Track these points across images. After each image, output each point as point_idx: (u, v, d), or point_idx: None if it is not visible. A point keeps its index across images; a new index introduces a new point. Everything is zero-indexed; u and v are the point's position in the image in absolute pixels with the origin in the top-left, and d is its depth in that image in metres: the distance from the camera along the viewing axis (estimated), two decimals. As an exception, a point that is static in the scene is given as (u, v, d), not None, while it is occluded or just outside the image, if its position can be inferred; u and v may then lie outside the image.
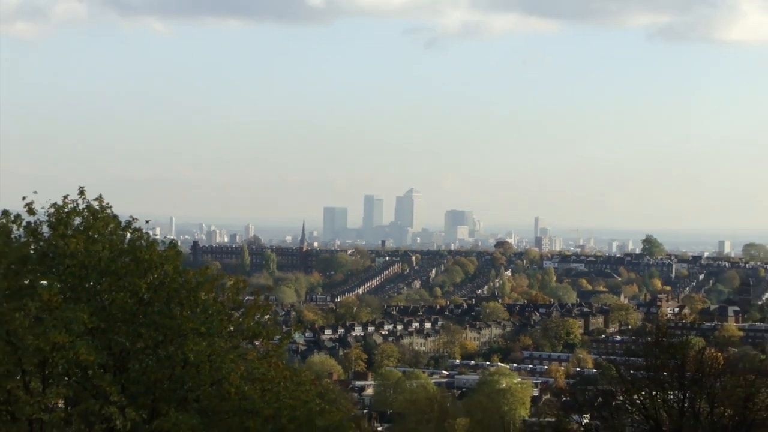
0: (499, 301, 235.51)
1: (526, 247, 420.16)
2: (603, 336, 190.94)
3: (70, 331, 24.96)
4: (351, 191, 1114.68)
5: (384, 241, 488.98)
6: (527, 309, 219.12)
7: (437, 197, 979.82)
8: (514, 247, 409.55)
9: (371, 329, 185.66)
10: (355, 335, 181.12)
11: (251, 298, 29.41)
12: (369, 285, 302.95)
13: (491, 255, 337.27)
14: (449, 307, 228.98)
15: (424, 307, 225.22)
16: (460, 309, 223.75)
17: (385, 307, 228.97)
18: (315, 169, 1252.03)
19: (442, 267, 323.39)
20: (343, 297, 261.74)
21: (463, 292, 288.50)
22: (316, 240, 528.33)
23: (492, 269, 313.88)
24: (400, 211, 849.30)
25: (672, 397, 47.31)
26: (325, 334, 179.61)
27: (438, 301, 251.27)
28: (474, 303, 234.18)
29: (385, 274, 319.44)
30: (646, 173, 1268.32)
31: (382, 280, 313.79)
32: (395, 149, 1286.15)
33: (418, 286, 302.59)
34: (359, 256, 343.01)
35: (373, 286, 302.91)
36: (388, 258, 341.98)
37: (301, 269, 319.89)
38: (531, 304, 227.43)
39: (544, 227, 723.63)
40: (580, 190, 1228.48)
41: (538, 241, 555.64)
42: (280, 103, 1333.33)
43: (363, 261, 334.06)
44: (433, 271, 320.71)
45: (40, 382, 25.99)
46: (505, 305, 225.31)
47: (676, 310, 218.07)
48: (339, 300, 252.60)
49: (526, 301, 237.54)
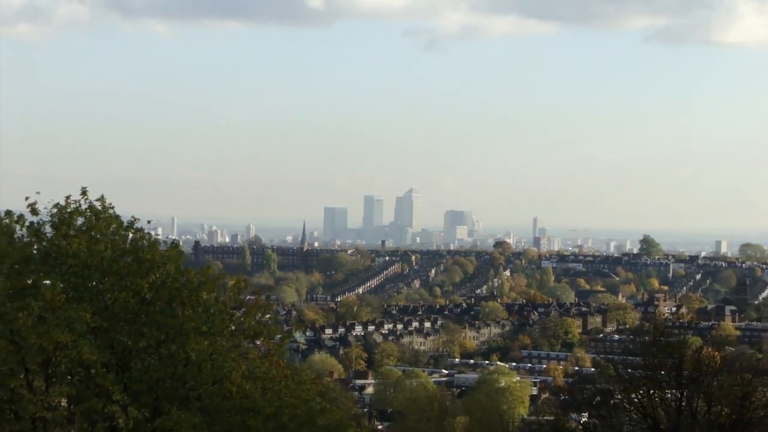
0: (498, 300, 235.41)
1: (525, 247, 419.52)
2: (601, 335, 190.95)
3: (73, 330, 24.93)
4: (351, 191, 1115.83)
5: (384, 241, 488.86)
6: (526, 308, 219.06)
7: (436, 198, 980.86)
8: (513, 247, 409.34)
9: (371, 328, 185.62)
10: (355, 334, 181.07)
11: (252, 297, 29.35)
12: (369, 284, 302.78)
13: (490, 255, 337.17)
14: (449, 306, 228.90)
15: (423, 307, 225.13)
16: (459, 308, 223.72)
17: (385, 306, 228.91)
18: (315, 169, 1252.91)
19: (442, 267, 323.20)
20: (344, 296, 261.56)
21: (462, 291, 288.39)
22: (317, 240, 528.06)
23: (491, 269, 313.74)
24: (400, 212, 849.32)
25: (670, 395, 47.29)
26: (326, 333, 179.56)
27: (437, 301, 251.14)
28: (473, 302, 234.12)
29: (385, 273, 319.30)
30: (643, 174, 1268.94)
31: (382, 280, 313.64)
32: (395, 150, 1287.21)
33: (418, 286, 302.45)
34: (359, 256, 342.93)
35: (373, 286, 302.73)
36: (387, 258, 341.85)
37: (302, 269, 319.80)
38: (529, 304, 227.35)
39: (542, 227, 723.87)
40: (579, 191, 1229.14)
41: (536, 241, 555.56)
42: (281, 104, 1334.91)
43: (363, 261, 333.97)
44: (433, 271, 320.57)
45: (43, 380, 25.94)
46: (503, 305, 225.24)
47: (674, 309, 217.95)
48: (339, 299, 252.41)
49: (524, 301, 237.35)
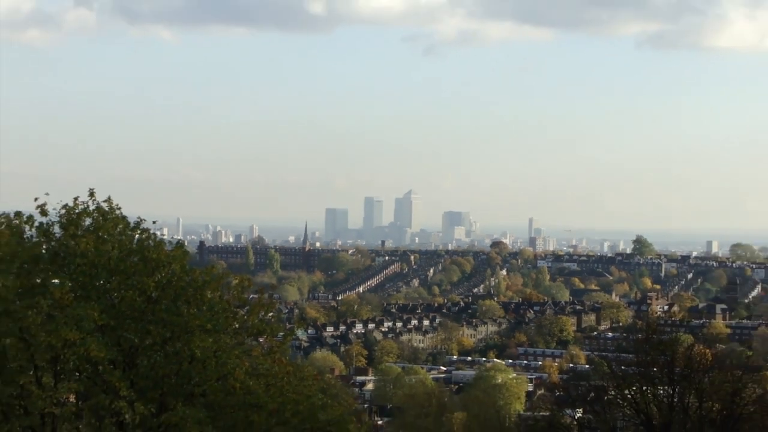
0: (495, 299, 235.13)
1: (521, 247, 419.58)
2: (595, 333, 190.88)
3: (81, 328, 24.98)
4: (351, 193, 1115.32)
5: (384, 242, 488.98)
6: (522, 307, 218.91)
7: (435, 199, 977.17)
8: (509, 247, 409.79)
9: (371, 326, 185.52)
10: (355, 332, 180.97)
11: (256, 296, 29.39)
12: (369, 283, 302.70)
13: (487, 255, 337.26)
14: (447, 305, 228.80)
15: (422, 305, 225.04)
16: (457, 307, 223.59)
17: (385, 305, 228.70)
18: (317, 171, 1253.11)
19: (440, 266, 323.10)
20: (345, 295, 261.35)
21: (460, 290, 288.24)
22: (318, 240, 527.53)
23: (488, 268, 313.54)
24: (399, 212, 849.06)
25: (662, 392, 47.36)
26: (327, 331, 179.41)
27: (436, 299, 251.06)
28: (470, 301, 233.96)
29: (384, 273, 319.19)
30: (636, 176, 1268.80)
31: (382, 279, 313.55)
32: (394, 152, 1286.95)
33: (417, 285, 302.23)
34: (360, 255, 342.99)
35: (373, 285, 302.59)
36: (387, 257, 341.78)
37: (304, 268, 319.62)
38: (525, 302, 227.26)
39: (538, 228, 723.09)
40: (573, 193, 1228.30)
41: (532, 241, 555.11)
42: (284, 108, 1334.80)
43: (363, 260, 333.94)
44: (431, 270, 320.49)
45: (51, 377, 26.01)
46: (500, 303, 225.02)
47: (666, 308, 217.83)
48: (340, 298, 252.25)
49: (520, 300, 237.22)
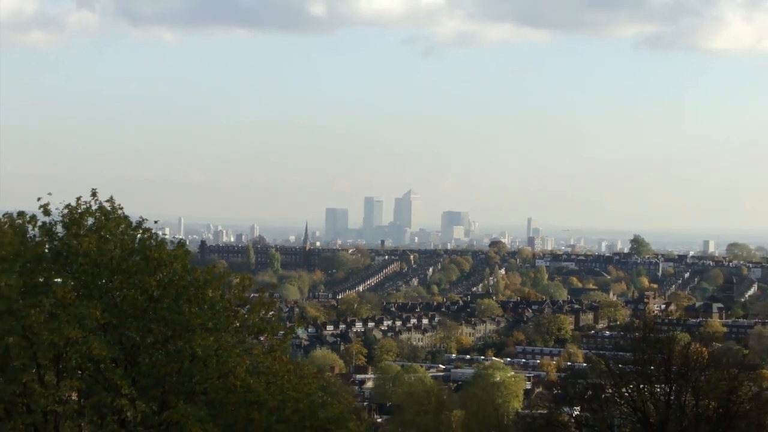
0: (494, 298, 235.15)
1: (519, 247, 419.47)
2: (592, 332, 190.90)
3: (83, 326, 24.99)
4: (352, 193, 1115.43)
5: (383, 241, 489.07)
6: (520, 306, 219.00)
7: (434, 199, 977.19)
8: (508, 246, 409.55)
9: (371, 325, 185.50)
10: (355, 331, 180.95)
11: (256, 295, 29.40)
12: (369, 283, 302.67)
13: (486, 254, 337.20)
14: (446, 303, 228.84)
15: (421, 304, 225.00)
16: (456, 306, 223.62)
17: (385, 303, 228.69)
18: (317, 171, 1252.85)
19: (439, 265, 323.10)
20: (345, 294, 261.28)
21: (458, 289, 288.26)
22: (319, 240, 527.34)
23: (486, 268, 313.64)
24: (399, 212, 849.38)
25: (659, 390, 47.38)
26: (327, 329, 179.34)
27: (435, 298, 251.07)
28: (469, 300, 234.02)
29: (384, 272, 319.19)
30: (634, 176, 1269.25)
31: (382, 278, 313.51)
32: (394, 152, 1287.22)
33: (416, 284, 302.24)
34: (360, 255, 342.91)
35: (373, 284, 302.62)
36: (387, 257, 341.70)
37: (304, 267, 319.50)
38: (524, 301, 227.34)
39: (536, 227, 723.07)
40: (572, 193, 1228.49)
41: (530, 240, 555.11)
42: (285, 109, 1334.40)
43: (363, 260, 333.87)
44: (430, 270, 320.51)
45: (54, 375, 26.01)
46: (499, 302, 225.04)
47: (663, 306, 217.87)
48: (340, 297, 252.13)
49: (519, 298, 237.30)
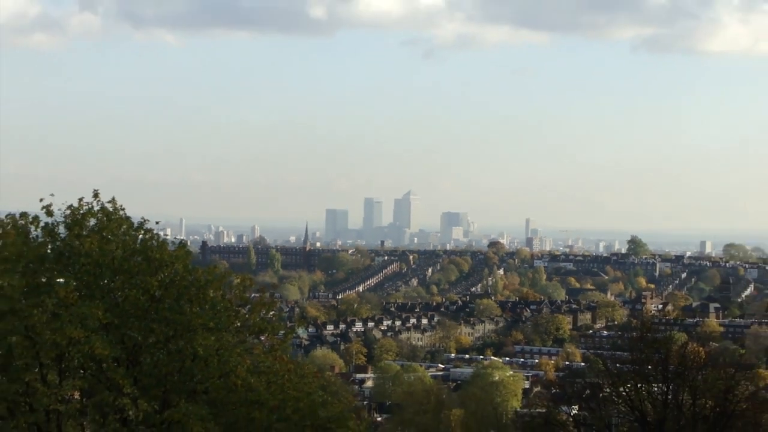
0: (492, 298, 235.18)
1: (518, 247, 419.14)
2: (590, 331, 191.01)
3: (86, 326, 24.99)
4: (351, 194, 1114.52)
5: (383, 242, 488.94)
6: (519, 306, 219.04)
7: (433, 200, 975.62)
8: (506, 247, 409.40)
9: (371, 325, 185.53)
10: (355, 330, 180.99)
11: (257, 295, 29.43)
12: (369, 283, 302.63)
13: (484, 255, 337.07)
14: (445, 303, 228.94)
15: (421, 304, 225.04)
16: (455, 306, 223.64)
17: (384, 303, 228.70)
18: (317, 172, 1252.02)
19: (438, 266, 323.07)
20: (345, 294, 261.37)
21: (457, 289, 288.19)
22: (319, 240, 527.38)
23: (485, 268, 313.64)
24: (399, 213, 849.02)
25: (656, 389, 47.39)
26: (327, 329, 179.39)
27: (434, 298, 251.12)
28: (468, 300, 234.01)
29: (384, 272, 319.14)
30: (632, 178, 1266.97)
31: (381, 279, 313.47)
32: (394, 154, 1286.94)
33: (416, 284, 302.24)
34: (359, 255, 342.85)
35: (372, 284, 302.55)
36: (386, 257, 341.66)
37: (305, 268, 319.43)
38: (522, 301, 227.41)
39: (534, 228, 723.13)
40: (569, 193, 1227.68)
41: (529, 241, 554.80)
42: (285, 111, 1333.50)
43: (363, 260, 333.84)
44: (430, 270, 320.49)
45: (57, 374, 26.02)
46: (497, 302, 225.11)
47: (660, 306, 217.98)
48: (340, 297, 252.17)
49: (517, 299, 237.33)
